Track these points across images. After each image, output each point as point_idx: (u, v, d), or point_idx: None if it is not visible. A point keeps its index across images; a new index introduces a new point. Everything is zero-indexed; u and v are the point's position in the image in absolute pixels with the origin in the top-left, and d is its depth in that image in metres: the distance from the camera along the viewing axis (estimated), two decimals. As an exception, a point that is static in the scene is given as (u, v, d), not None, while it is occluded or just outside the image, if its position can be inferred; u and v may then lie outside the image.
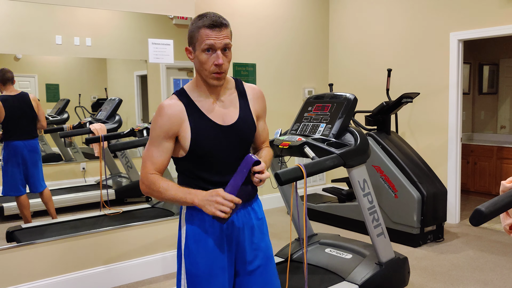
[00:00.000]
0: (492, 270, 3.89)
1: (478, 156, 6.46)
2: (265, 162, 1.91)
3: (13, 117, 3.45)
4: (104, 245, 3.59)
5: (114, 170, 4.36)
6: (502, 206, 2.03)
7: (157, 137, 1.77)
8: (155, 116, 1.79)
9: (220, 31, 1.73)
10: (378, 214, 3.20)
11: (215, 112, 1.83)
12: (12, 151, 3.51)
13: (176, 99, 1.81)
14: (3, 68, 3.36)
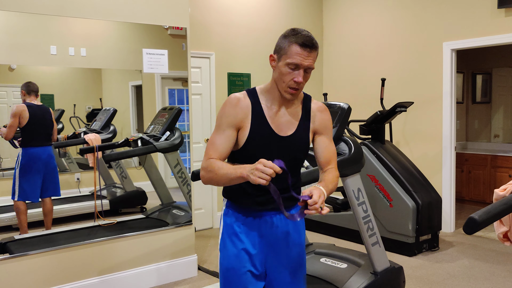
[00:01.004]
0: (487, 279, 3.89)
1: (473, 164, 6.49)
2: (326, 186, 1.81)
3: (35, 124, 3.57)
4: (98, 255, 3.57)
5: (109, 181, 4.34)
6: (495, 214, 2.04)
7: (223, 124, 1.85)
8: (224, 106, 1.88)
9: (310, 53, 1.79)
10: (373, 223, 3.20)
11: (275, 121, 1.90)
12: (33, 157, 3.61)
13: (246, 96, 1.89)
14: (30, 81, 3.52)
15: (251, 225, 1.94)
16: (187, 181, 4.21)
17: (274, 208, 1.94)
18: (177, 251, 3.96)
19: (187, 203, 4.19)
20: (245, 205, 1.94)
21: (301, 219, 2.03)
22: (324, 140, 1.97)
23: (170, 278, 3.89)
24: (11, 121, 3.47)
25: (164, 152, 4.26)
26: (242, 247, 1.93)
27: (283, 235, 1.97)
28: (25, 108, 3.50)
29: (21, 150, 3.55)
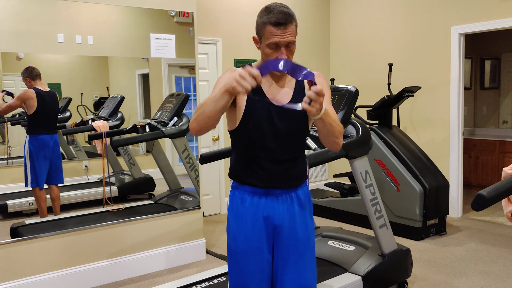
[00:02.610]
0: (495, 261, 3.89)
1: (480, 150, 6.46)
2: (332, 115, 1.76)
3: (43, 111, 3.58)
4: (108, 239, 3.61)
5: (117, 168, 4.37)
6: (503, 191, 2.04)
7: (219, 85, 1.84)
8: (222, 74, 1.89)
9: (285, 29, 1.76)
10: (380, 205, 3.21)
11: (271, 92, 1.89)
12: (41, 144, 3.62)
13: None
14: (29, 66, 3.48)
15: (257, 206, 1.94)
16: (195, 166, 4.24)
17: (280, 186, 1.93)
18: (185, 235, 3.99)
19: (195, 189, 4.22)
20: (250, 184, 1.94)
21: (306, 194, 2.04)
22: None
23: (179, 261, 3.93)
24: (13, 102, 3.44)
25: (172, 137, 4.28)
26: (248, 228, 1.93)
27: (290, 215, 1.96)
28: (33, 95, 3.49)
29: (28, 137, 3.57)
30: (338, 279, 3.01)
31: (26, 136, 3.57)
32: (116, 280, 3.62)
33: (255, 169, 1.91)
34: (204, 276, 3.14)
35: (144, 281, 3.60)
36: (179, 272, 3.76)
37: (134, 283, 3.56)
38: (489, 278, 3.55)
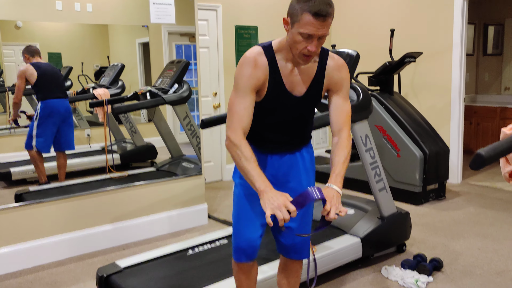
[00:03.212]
0: (492, 224, 3.96)
1: (481, 117, 6.46)
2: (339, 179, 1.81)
3: (46, 78, 3.59)
4: (111, 204, 3.67)
5: (119, 136, 4.40)
6: (502, 151, 2.06)
7: (244, 87, 1.79)
8: (242, 66, 1.80)
9: (323, 21, 1.68)
10: (380, 169, 3.24)
11: (289, 80, 1.86)
12: (50, 109, 3.66)
13: (262, 53, 1.82)
14: (29, 44, 3.52)
15: (262, 165, 1.96)
16: (196, 133, 4.26)
17: (285, 151, 1.99)
18: (187, 200, 4.05)
19: (196, 156, 4.26)
20: (256, 147, 1.97)
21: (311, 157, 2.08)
22: (337, 100, 1.92)
23: (181, 226, 4.00)
24: (18, 83, 3.49)
25: (173, 104, 4.29)
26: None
27: (294, 174, 2.01)
28: (30, 66, 3.51)
29: (40, 104, 3.61)
30: (338, 240, 3.07)
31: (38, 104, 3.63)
32: (120, 244, 3.69)
33: (262, 139, 1.97)
34: (206, 239, 3.20)
35: (147, 244, 3.68)
36: (181, 236, 3.83)
37: (138, 247, 3.64)
38: (486, 240, 3.61)
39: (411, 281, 2.88)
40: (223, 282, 2.52)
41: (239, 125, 1.78)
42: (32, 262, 3.31)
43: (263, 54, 1.81)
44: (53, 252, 3.40)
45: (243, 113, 1.78)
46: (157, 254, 2.97)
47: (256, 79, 1.79)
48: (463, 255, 3.34)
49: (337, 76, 1.89)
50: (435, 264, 3.09)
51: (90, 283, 3.02)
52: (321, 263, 2.85)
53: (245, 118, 1.79)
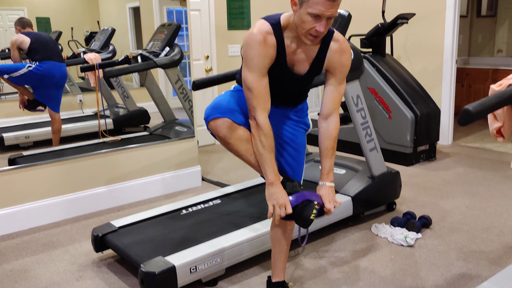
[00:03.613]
0: (480, 184, 4.03)
1: (473, 79, 6.48)
2: (330, 173, 1.96)
3: (40, 42, 3.57)
4: (105, 167, 3.70)
5: (111, 101, 4.39)
6: (490, 106, 2.08)
7: (261, 67, 1.79)
8: (254, 46, 1.78)
9: (333, 2, 1.66)
10: (371, 129, 3.27)
11: (292, 59, 1.87)
12: (47, 71, 3.65)
13: (271, 32, 1.80)
14: (22, 17, 3.50)
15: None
16: (189, 97, 4.26)
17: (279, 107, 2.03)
18: (181, 162, 4.09)
19: (189, 120, 4.26)
20: None
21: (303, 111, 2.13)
22: (333, 83, 1.93)
23: (175, 188, 4.05)
24: (12, 53, 3.50)
25: (164, 67, 4.27)
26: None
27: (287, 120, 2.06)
28: (20, 35, 3.49)
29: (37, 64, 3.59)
30: (329, 199, 3.13)
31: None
32: (114, 206, 3.74)
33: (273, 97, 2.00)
34: (200, 199, 3.26)
35: (141, 206, 3.73)
36: (175, 198, 3.89)
37: (132, 208, 3.69)
38: (474, 198, 3.69)
39: (400, 238, 2.95)
40: (217, 239, 2.58)
41: (264, 106, 1.82)
42: (28, 224, 3.36)
43: (272, 33, 1.80)
44: (48, 214, 3.44)
45: (265, 92, 1.82)
46: (151, 214, 3.02)
47: (269, 58, 1.81)
48: (451, 213, 3.42)
49: (337, 61, 1.89)
50: (424, 221, 3.16)
51: (86, 243, 3.08)
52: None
53: (268, 97, 1.83)
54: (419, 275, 2.55)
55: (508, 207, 3.50)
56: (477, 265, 2.65)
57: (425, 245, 2.92)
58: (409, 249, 2.87)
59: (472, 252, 2.80)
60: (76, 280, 2.61)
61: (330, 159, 1.95)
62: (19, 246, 3.07)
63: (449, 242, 2.95)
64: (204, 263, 2.42)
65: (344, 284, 2.47)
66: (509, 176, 4.20)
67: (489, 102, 2.08)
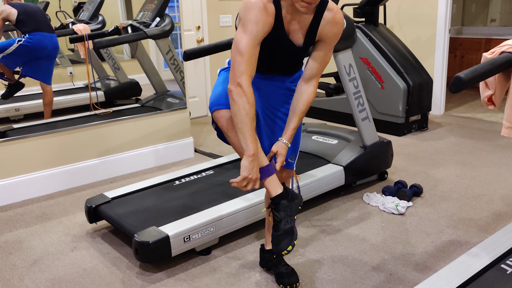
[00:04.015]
0: (471, 153, 4.07)
1: (466, 49, 6.46)
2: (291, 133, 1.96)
3: (30, 14, 3.48)
4: (97, 138, 3.69)
5: (102, 73, 4.33)
6: (481, 74, 2.09)
7: (258, 34, 1.74)
8: (253, 11, 1.73)
9: None
10: (363, 99, 3.27)
11: (289, 28, 1.84)
12: (38, 43, 3.56)
13: (270, 2, 1.75)
14: None
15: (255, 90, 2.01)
16: (180, 68, 4.21)
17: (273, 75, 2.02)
18: (173, 133, 4.08)
19: (181, 92, 4.23)
20: None
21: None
22: (321, 50, 1.91)
23: (168, 159, 4.06)
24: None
25: (155, 38, 4.21)
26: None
27: (281, 91, 2.05)
28: (6, 5, 3.40)
29: (28, 35, 3.52)
30: (321, 169, 3.15)
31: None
32: (107, 177, 3.75)
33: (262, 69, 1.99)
34: (192, 170, 3.26)
35: (134, 177, 3.74)
36: (168, 169, 3.89)
37: (125, 180, 3.69)
38: (465, 167, 3.73)
39: (391, 206, 2.99)
40: (210, 209, 2.60)
41: (251, 73, 1.77)
42: (21, 196, 3.36)
43: (271, 1, 1.76)
44: (41, 186, 3.44)
45: (255, 60, 1.77)
46: (144, 185, 3.03)
47: (268, 27, 1.77)
48: (442, 181, 3.46)
49: (330, 31, 1.86)
50: (415, 190, 3.20)
51: (80, 215, 3.10)
52: (305, 191, 2.94)
53: (255, 67, 1.79)
54: (410, 242, 2.59)
55: (497, 175, 3.54)
56: (466, 232, 2.69)
57: (416, 213, 2.96)
58: (400, 217, 2.91)
59: (461, 220, 2.85)
60: (70, 250, 2.63)
61: (298, 119, 1.96)
62: (12, 218, 3.08)
63: (440, 210, 2.99)
64: (198, 233, 2.44)
65: (336, 252, 2.51)
66: (500, 145, 4.24)
67: (481, 69, 2.08)
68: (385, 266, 2.37)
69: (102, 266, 2.45)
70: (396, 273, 2.30)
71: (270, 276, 2.30)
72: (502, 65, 2.14)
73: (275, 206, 1.86)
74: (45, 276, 2.37)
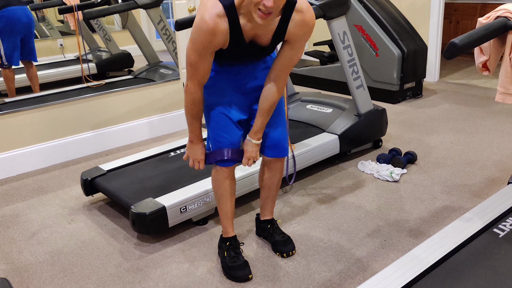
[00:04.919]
0: (465, 120, 4.08)
1: (461, 14, 6.39)
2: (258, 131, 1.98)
3: None
4: (91, 111, 3.66)
5: (93, 45, 4.27)
6: (476, 39, 2.07)
7: (203, 51, 1.72)
8: (201, 34, 1.66)
9: None
10: (357, 67, 3.25)
11: (251, 34, 1.76)
12: (11, 18, 3.45)
13: (223, 17, 1.66)
14: None
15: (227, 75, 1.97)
16: (172, 38, 4.16)
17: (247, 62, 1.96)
18: (167, 105, 4.06)
19: (174, 62, 4.19)
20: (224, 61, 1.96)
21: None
22: (289, 50, 1.82)
23: (162, 131, 4.05)
24: None
25: (146, 8, 4.14)
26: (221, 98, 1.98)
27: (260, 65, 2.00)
28: None
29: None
30: (316, 138, 3.15)
31: None
32: (102, 150, 3.74)
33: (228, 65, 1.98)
34: (186, 141, 3.26)
35: (129, 149, 3.74)
36: (163, 141, 3.89)
37: (120, 152, 3.69)
38: (459, 134, 3.75)
39: (386, 174, 3.02)
40: (206, 180, 2.61)
41: (201, 80, 1.82)
42: (16, 170, 3.36)
43: (225, 16, 1.66)
44: (36, 160, 3.44)
45: (205, 71, 1.80)
46: (139, 157, 3.03)
47: (216, 45, 1.72)
48: (436, 148, 3.48)
49: (298, 33, 1.77)
50: (409, 157, 3.22)
51: (76, 188, 3.10)
52: (300, 160, 2.95)
53: (206, 75, 1.82)
54: (404, 209, 2.62)
55: (491, 141, 3.56)
56: (460, 198, 2.73)
57: (410, 180, 2.99)
58: (395, 184, 2.94)
59: (455, 186, 2.88)
60: (68, 223, 2.65)
61: (263, 118, 1.95)
62: (8, 192, 3.08)
63: (433, 176, 3.02)
64: (194, 203, 2.46)
65: (331, 219, 2.54)
66: (494, 112, 4.25)
67: (476, 34, 2.06)
68: (379, 232, 2.40)
69: (100, 238, 2.47)
70: (390, 239, 2.33)
71: (267, 244, 2.34)
72: (497, 30, 2.13)
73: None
74: (44, 249, 2.40)
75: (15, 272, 2.22)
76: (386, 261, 2.16)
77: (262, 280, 2.07)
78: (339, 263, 2.16)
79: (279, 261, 2.20)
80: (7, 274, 2.20)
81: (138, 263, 2.24)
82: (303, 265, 2.16)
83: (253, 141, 1.98)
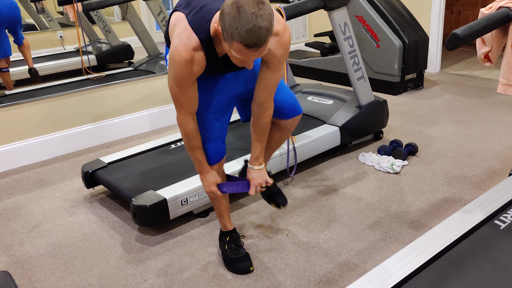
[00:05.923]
0: (467, 111, 4.07)
1: (463, 5, 6.36)
2: (260, 157, 1.94)
3: None
4: (91, 103, 3.66)
5: (93, 37, 4.25)
6: (478, 30, 2.06)
7: (186, 84, 1.69)
8: (178, 67, 1.64)
9: (256, 50, 1.48)
10: (358, 58, 3.23)
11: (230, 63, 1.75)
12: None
13: (199, 50, 1.63)
14: None
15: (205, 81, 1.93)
16: (172, 29, 4.13)
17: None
18: (168, 97, 4.05)
19: (174, 53, 4.16)
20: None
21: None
22: (267, 72, 1.77)
23: (163, 123, 4.04)
24: None
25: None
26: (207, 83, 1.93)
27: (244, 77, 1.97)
28: None
29: None
30: (317, 130, 3.15)
31: None
32: (103, 142, 3.74)
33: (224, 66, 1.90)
34: (188, 134, 3.25)
35: (130, 142, 3.73)
36: (164, 133, 3.88)
37: (121, 144, 3.69)
38: (460, 125, 3.74)
39: (387, 165, 3.01)
40: (206, 172, 2.61)
41: (189, 109, 1.78)
42: (17, 163, 3.36)
43: (200, 49, 1.63)
44: (37, 152, 3.44)
45: (192, 100, 1.76)
46: (140, 149, 3.03)
47: (196, 74, 1.69)
48: (437, 140, 3.47)
49: (274, 55, 1.73)
50: (410, 148, 3.21)
51: (77, 180, 3.10)
52: (301, 152, 2.95)
53: (194, 105, 1.78)
54: (405, 200, 2.62)
55: (492, 133, 3.56)
56: (460, 189, 2.72)
57: (411, 171, 2.98)
58: (396, 176, 2.93)
59: (456, 177, 2.88)
60: (69, 215, 2.65)
61: (260, 143, 1.92)
62: (10, 185, 3.08)
63: (434, 168, 3.02)
64: (195, 195, 2.46)
65: (332, 211, 2.54)
66: (495, 103, 4.23)
67: (478, 25, 2.05)
68: (380, 224, 2.40)
69: (101, 230, 2.48)
70: (391, 231, 2.34)
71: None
72: (500, 20, 2.11)
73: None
74: (45, 241, 2.40)
75: (16, 264, 2.22)
76: (387, 253, 2.16)
77: (263, 272, 2.07)
78: (340, 255, 2.17)
79: (280, 253, 2.21)
80: (8, 267, 2.21)
81: (139, 256, 2.25)
82: (304, 257, 2.16)
83: (255, 168, 1.93)
